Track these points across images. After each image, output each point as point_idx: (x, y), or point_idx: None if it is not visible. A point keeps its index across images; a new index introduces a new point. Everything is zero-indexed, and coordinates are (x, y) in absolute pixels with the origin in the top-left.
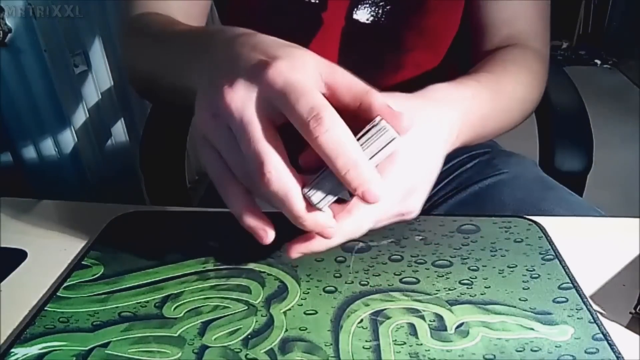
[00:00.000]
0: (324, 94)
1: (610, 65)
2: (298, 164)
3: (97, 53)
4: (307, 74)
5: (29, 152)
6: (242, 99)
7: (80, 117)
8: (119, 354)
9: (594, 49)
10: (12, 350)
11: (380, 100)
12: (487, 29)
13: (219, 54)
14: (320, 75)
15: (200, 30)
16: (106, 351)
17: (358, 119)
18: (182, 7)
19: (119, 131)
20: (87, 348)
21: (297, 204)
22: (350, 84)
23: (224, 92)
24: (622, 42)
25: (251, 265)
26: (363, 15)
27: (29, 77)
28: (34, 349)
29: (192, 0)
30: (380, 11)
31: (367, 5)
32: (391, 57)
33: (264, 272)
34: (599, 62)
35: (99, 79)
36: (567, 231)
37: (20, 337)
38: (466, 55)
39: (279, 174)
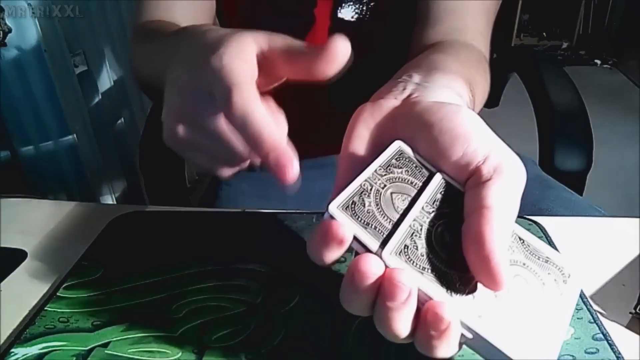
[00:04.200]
0: (264, 58)
1: (610, 65)
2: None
3: (97, 53)
4: (239, 54)
5: (29, 152)
6: (190, 100)
7: (80, 117)
8: (119, 354)
9: (594, 49)
10: (12, 350)
11: (311, 47)
12: (432, 16)
13: (177, 57)
14: (259, 45)
15: (176, 31)
16: (106, 351)
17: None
18: (186, 13)
19: (119, 131)
20: (87, 348)
21: (261, 119)
22: (287, 41)
23: (177, 96)
24: (622, 42)
25: (251, 265)
26: (347, 13)
27: (29, 77)
28: (34, 349)
29: (195, 5)
30: (364, 8)
31: (351, 4)
32: (379, 52)
33: (264, 272)
34: (599, 62)
35: (99, 79)
36: (567, 231)
37: (20, 337)
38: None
39: (244, 97)
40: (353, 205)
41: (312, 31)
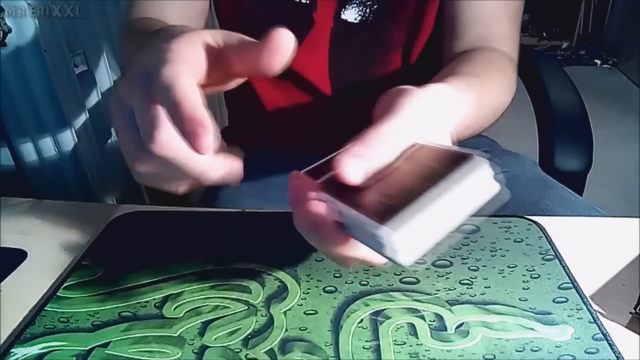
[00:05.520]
0: (216, 52)
1: (610, 65)
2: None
3: (97, 53)
4: (186, 45)
5: (29, 152)
6: (134, 82)
7: (80, 117)
8: (119, 354)
9: (594, 49)
10: (12, 350)
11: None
12: (457, 28)
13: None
14: (208, 41)
15: (157, 30)
16: (106, 351)
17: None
18: (175, 11)
19: None
20: (87, 348)
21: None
22: (235, 36)
23: (124, 81)
24: (622, 42)
25: (251, 265)
26: (351, 15)
27: (29, 77)
28: (34, 349)
29: (186, 4)
30: (367, 10)
31: (355, 5)
32: (381, 54)
33: (264, 272)
34: (599, 62)
35: (99, 79)
36: (567, 231)
37: (20, 337)
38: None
39: (168, 136)
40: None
41: (313, 33)
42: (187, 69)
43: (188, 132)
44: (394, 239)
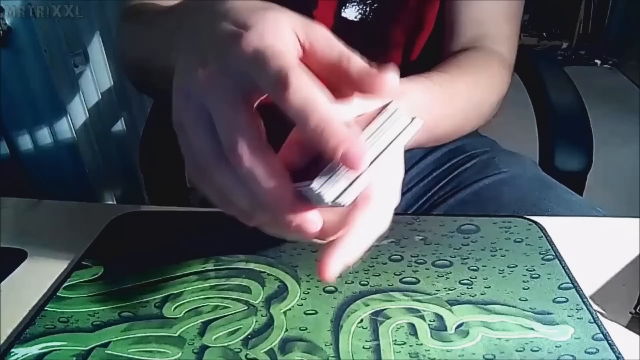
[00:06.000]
0: (302, 55)
1: (610, 65)
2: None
3: (97, 53)
4: (279, 37)
5: (29, 152)
6: (215, 76)
7: (80, 117)
8: (119, 354)
9: (594, 49)
10: (12, 350)
11: (358, 66)
12: (455, 28)
13: (191, 27)
14: (297, 36)
15: (185, 4)
16: (106, 351)
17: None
18: None
19: (119, 131)
20: (87, 348)
21: (282, 186)
22: (329, 45)
23: (196, 71)
24: (622, 42)
25: (251, 265)
26: (351, 13)
27: (29, 77)
28: (34, 349)
29: None
30: (367, 9)
31: (355, 3)
32: (381, 52)
33: (264, 272)
34: (599, 62)
35: (99, 79)
36: (567, 231)
37: (20, 337)
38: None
39: (255, 149)
40: None
41: None
42: (294, 60)
43: (343, 154)
44: (314, 185)
